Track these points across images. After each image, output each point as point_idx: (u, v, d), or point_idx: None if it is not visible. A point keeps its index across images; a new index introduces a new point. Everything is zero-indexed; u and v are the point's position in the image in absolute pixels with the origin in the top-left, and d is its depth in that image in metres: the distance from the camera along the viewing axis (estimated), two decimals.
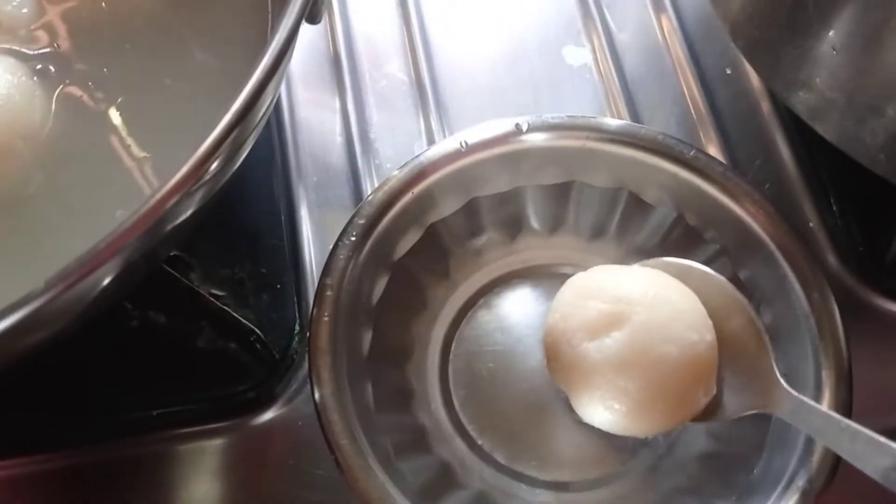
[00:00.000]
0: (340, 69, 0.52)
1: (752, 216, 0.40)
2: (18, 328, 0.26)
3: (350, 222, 0.39)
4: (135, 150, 0.38)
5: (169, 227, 0.31)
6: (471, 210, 0.42)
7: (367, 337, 0.39)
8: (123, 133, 0.39)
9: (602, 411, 0.35)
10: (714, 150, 0.50)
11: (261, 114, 0.34)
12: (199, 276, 0.42)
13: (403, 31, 0.54)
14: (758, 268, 0.40)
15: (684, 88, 0.52)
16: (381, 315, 0.40)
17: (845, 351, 0.37)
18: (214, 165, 0.30)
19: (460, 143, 0.41)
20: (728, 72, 0.53)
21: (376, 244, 0.39)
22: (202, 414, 0.41)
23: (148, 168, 0.38)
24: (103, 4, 0.41)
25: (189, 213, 0.32)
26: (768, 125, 0.51)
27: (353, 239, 0.38)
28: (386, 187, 0.40)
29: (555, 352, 0.36)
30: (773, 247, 0.39)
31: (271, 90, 0.31)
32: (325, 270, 0.38)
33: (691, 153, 0.41)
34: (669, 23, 0.55)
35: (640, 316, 0.35)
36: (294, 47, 0.35)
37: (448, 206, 0.42)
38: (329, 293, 0.37)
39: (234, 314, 0.41)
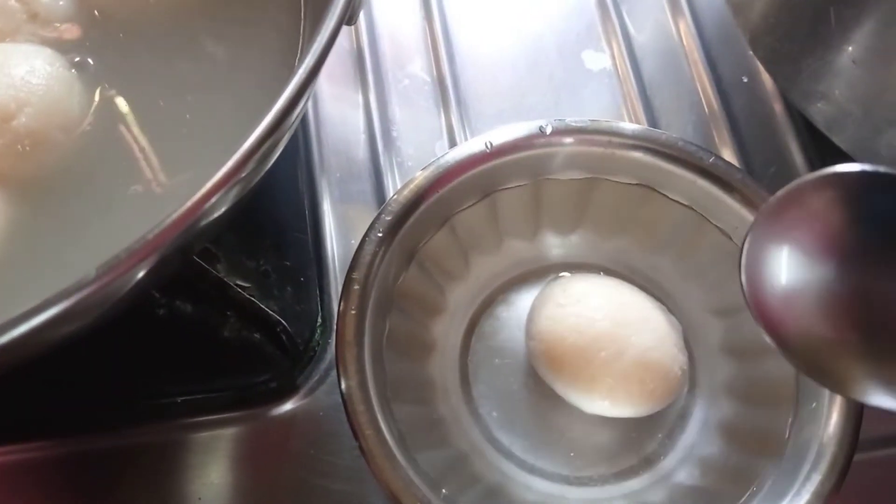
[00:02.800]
0: (364, 68, 0.53)
1: None
2: (61, 318, 0.27)
3: (377, 218, 0.40)
4: (165, 143, 0.39)
5: (205, 222, 0.32)
6: (492, 208, 0.43)
7: (391, 330, 0.40)
8: (154, 126, 0.39)
9: (596, 401, 0.39)
10: (729, 157, 0.51)
11: (297, 111, 0.35)
12: (226, 267, 0.43)
13: (426, 32, 0.55)
14: None
15: (701, 95, 0.53)
16: (403, 309, 0.41)
17: None
18: (252, 162, 0.31)
19: (485, 144, 0.42)
20: (744, 79, 0.54)
21: (401, 240, 0.40)
22: (225, 402, 0.42)
23: (175, 160, 0.39)
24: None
25: (224, 209, 0.33)
26: (783, 133, 0.52)
27: (380, 235, 0.39)
28: (412, 185, 0.41)
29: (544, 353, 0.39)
30: None
31: (311, 89, 0.32)
32: (353, 265, 0.39)
33: (710, 160, 0.42)
34: (687, 29, 0.55)
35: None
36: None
37: (470, 205, 0.43)
38: (356, 287, 0.38)
39: (262, 305, 0.42)
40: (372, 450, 0.35)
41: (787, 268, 0.33)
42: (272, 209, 0.46)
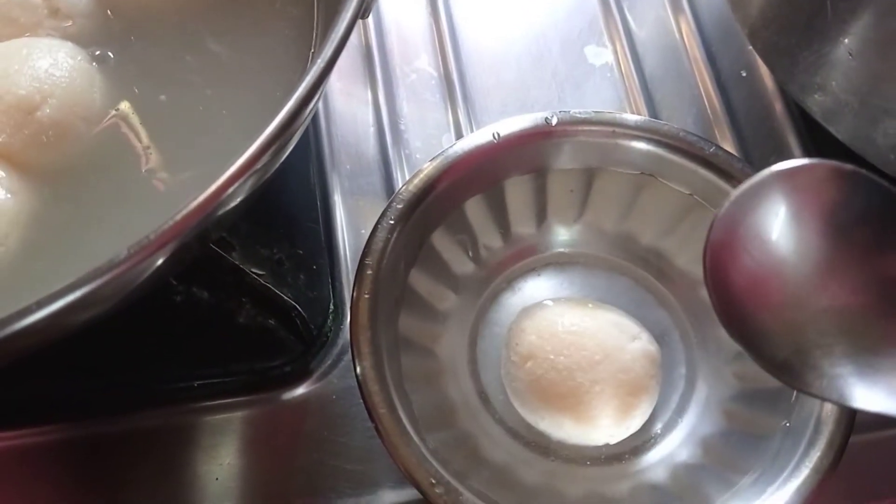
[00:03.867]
0: (372, 63, 0.54)
1: None
2: (88, 299, 0.28)
3: (389, 206, 0.41)
4: (182, 136, 0.40)
5: (224, 210, 0.33)
6: (500, 197, 0.45)
7: (402, 315, 0.41)
8: (171, 119, 0.40)
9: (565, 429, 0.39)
10: (730, 147, 0.52)
11: (313, 104, 0.36)
12: (240, 255, 0.44)
13: (433, 28, 0.56)
14: None
15: (701, 89, 0.55)
16: (414, 294, 0.42)
17: None
18: (269, 154, 0.32)
19: (493, 135, 0.43)
20: (743, 74, 0.55)
21: (413, 228, 0.41)
22: (240, 386, 0.43)
23: (191, 152, 0.40)
24: None
25: (241, 198, 0.34)
26: (781, 126, 0.53)
27: (392, 222, 0.41)
28: (423, 175, 0.42)
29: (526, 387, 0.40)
30: None
31: (326, 82, 0.33)
32: (365, 251, 0.40)
33: (711, 149, 0.43)
34: (688, 25, 0.57)
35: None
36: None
37: (478, 194, 0.44)
38: (369, 272, 0.39)
39: (277, 291, 0.43)
40: (387, 429, 0.36)
41: (747, 264, 0.33)
42: (285, 200, 0.47)
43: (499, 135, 0.43)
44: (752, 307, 0.33)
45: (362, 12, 0.37)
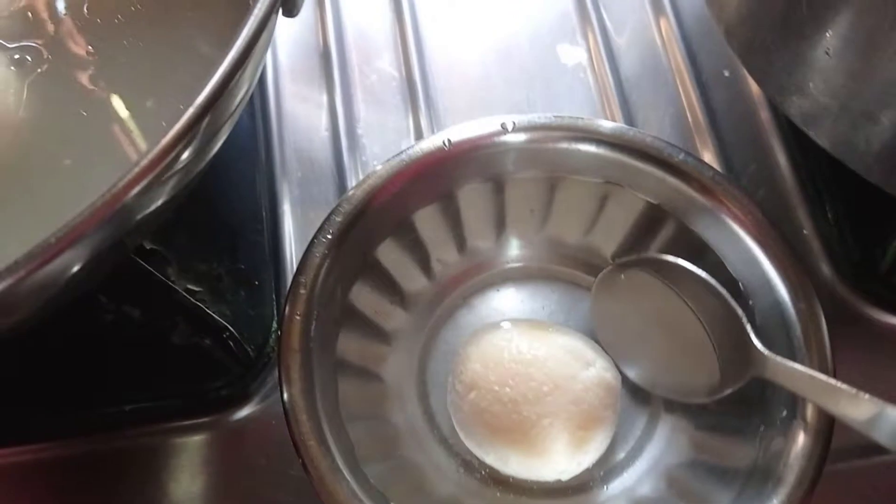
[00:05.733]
0: (330, 62, 0.51)
1: (740, 222, 0.39)
2: None
3: (327, 219, 0.38)
4: (102, 136, 0.38)
5: (138, 216, 0.30)
6: (453, 207, 0.42)
7: (342, 335, 0.38)
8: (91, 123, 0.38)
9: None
10: (709, 154, 0.49)
11: (234, 105, 0.33)
12: (176, 270, 0.42)
13: (395, 25, 0.53)
14: (747, 272, 0.39)
15: (680, 89, 0.51)
16: (357, 314, 0.39)
17: (830, 363, 0.36)
18: (186, 154, 0.29)
19: (443, 142, 0.40)
20: (726, 73, 0.52)
21: (354, 242, 0.39)
22: (175, 410, 0.41)
23: (135, 145, 0.37)
24: None
25: (160, 202, 0.31)
26: (765, 129, 0.50)
27: (330, 237, 0.38)
28: (366, 185, 0.39)
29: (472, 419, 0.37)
30: (761, 254, 0.39)
31: (245, 81, 0.31)
32: (300, 268, 0.37)
33: (680, 156, 0.40)
34: (667, 21, 0.54)
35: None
36: (269, 40, 0.34)
37: (430, 204, 0.41)
38: (302, 291, 0.37)
39: (208, 311, 0.40)
40: (314, 462, 0.34)
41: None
42: (228, 210, 0.45)
43: (450, 141, 0.40)
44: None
45: (287, 10, 0.34)
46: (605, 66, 0.52)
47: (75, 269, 0.29)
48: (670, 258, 0.39)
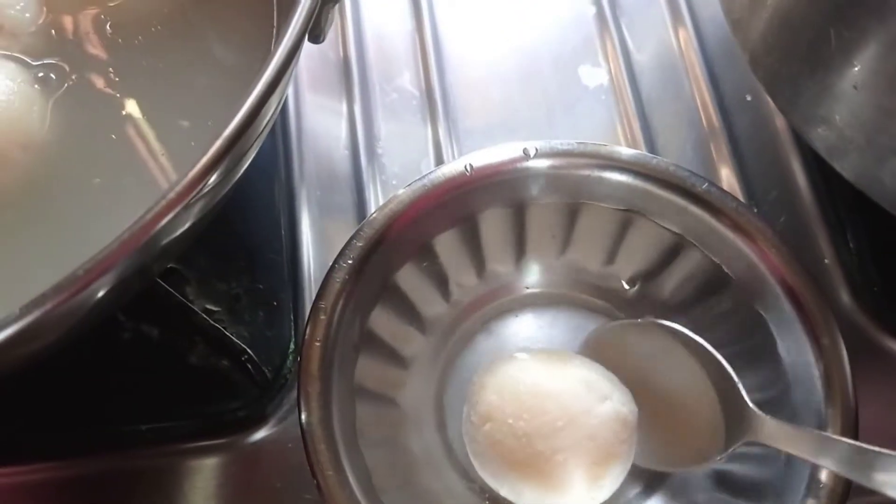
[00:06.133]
0: (351, 80, 0.51)
1: (762, 256, 0.39)
2: (10, 341, 0.26)
3: (348, 244, 0.38)
4: (142, 151, 0.38)
5: (164, 241, 0.30)
6: (473, 232, 0.41)
7: (360, 361, 0.38)
8: (118, 144, 0.38)
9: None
10: (730, 179, 0.49)
11: (262, 128, 0.33)
12: (195, 290, 0.42)
13: (416, 44, 0.53)
14: (769, 305, 0.39)
15: (702, 113, 0.51)
16: (375, 339, 0.39)
17: (852, 401, 0.36)
18: (213, 179, 0.29)
19: (465, 167, 0.40)
20: (748, 98, 0.51)
21: (375, 267, 0.38)
22: (192, 431, 0.41)
23: (162, 166, 0.37)
24: (110, 5, 0.40)
25: (185, 227, 0.31)
26: (787, 156, 0.49)
27: (350, 262, 0.38)
28: (387, 209, 0.39)
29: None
30: (782, 289, 0.38)
31: (272, 104, 0.30)
32: (320, 293, 0.37)
33: (703, 186, 0.40)
34: (689, 44, 0.53)
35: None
36: (296, 63, 0.34)
37: (450, 229, 0.41)
38: (322, 317, 0.36)
39: (226, 332, 0.40)
40: (331, 491, 0.34)
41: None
42: (246, 229, 0.45)
43: (472, 167, 0.40)
44: None
45: (313, 37, 0.34)
46: (627, 88, 0.52)
47: (100, 295, 0.29)
48: (665, 323, 0.39)
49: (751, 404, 0.36)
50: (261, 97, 0.29)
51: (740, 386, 0.36)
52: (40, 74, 0.38)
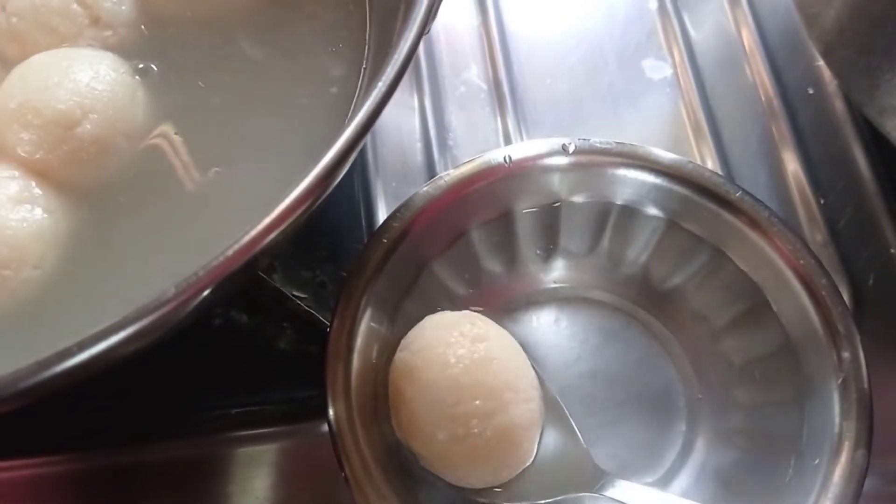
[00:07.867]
0: (420, 74, 0.52)
1: (791, 266, 0.39)
2: (138, 334, 0.26)
3: (384, 224, 0.39)
4: (227, 153, 0.38)
5: (277, 239, 0.31)
6: (508, 224, 0.42)
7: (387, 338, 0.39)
8: (214, 134, 0.39)
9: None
10: (795, 170, 0.49)
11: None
12: (282, 277, 0.43)
13: (483, 38, 0.54)
14: (794, 317, 0.39)
15: (765, 106, 0.52)
16: (409, 321, 0.39)
17: (868, 416, 0.36)
18: (327, 180, 0.30)
19: (504, 158, 0.40)
20: (810, 91, 0.52)
21: (409, 249, 0.39)
22: (280, 415, 0.41)
23: (238, 174, 0.38)
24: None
25: (294, 225, 0.32)
26: (851, 148, 0.50)
27: (385, 241, 0.38)
28: (425, 191, 0.39)
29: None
30: (809, 300, 0.38)
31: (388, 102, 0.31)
32: (352, 271, 0.38)
33: (737, 194, 0.40)
34: (751, 37, 0.54)
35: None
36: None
37: (486, 217, 0.41)
38: (354, 294, 0.37)
39: (320, 317, 0.41)
40: (356, 478, 0.35)
41: None
42: (328, 219, 0.45)
43: (510, 158, 0.40)
44: None
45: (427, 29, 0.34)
46: (691, 80, 0.52)
47: (213, 293, 0.30)
48: None
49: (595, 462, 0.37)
50: (385, 95, 0.30)
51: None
52: (140, 66, 0.39)
